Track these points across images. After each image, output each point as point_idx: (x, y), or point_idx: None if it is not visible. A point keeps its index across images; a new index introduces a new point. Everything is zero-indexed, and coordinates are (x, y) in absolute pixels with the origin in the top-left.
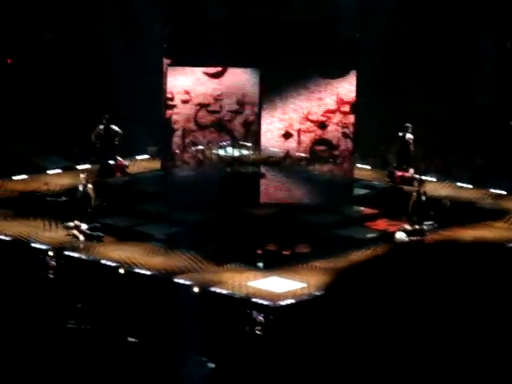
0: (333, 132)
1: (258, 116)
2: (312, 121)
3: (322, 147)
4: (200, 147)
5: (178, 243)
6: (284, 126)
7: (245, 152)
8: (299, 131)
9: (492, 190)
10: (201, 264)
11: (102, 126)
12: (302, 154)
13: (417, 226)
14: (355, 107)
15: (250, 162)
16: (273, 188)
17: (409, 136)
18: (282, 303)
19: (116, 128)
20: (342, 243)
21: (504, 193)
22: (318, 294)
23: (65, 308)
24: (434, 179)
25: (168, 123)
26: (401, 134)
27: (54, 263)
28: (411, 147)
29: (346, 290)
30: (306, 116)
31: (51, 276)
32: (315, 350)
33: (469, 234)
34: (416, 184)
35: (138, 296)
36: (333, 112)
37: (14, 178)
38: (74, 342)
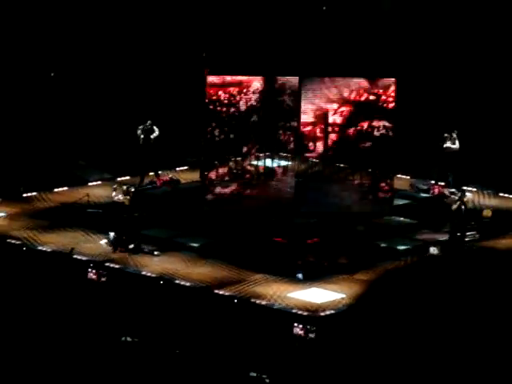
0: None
1: (298, 126)
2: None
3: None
4: (238, 159)
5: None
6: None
7: (285, 163)
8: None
9: None
10: (240, 275)
11: (141, 127)
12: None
13: (458, 236)
14: (395, 115)
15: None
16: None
17: (447, 145)
18: (322, 314)
19: (154, 127)
20: (382, 254)
21: None
22: (355, 304)
23: (110, 320)
24: (475, 189)
25: (208, 134)
26: (447, 144)
27: (94, 275)
28: (452, 155)
29: (378, 300)
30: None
31: (93, 287)
32: (357, 359)
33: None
34: (456, 194)
35: (179, 307)
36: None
37: (56, 189)
38: (125, 355)
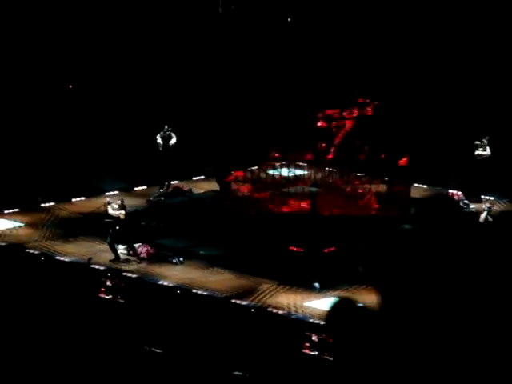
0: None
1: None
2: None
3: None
4: (254, 167)
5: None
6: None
7: (300, 172)
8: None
9: None
10: (257, 284)
11: (162, 133)
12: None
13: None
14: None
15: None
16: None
17: (478, 152)
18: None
19: (172, 134)
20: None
21: None
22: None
23: (127, 329)
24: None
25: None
26: (478, 151)
27: (111, 284)
28: (483, 162)
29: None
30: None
31: (109, 297)
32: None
33: None
34: (486, 204)
35: (196, 316)
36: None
37: (73, 199)
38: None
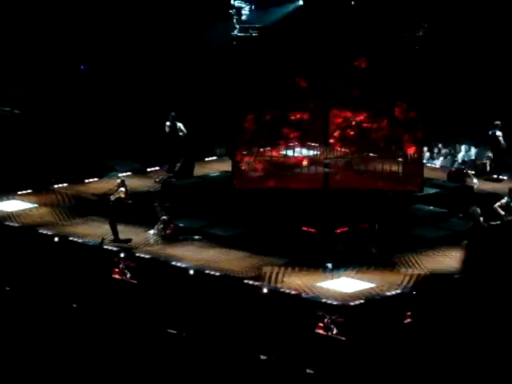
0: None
1: (326, 115)
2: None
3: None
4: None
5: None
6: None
7: (313, 152)
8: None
9: None
10: (270, 264)
11: (168, 123)
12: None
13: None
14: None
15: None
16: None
17: (498, 133)
18: (352, 303)
19: (182, 127)
20: (412, 243)
21: None
22: (388, 293)
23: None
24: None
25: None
26: (490, 132)
27: (124, 265)
28: (502, 146)
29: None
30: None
31: (123, 277)
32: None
33: None
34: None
35: (209, 297)
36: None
37: (86, 180)
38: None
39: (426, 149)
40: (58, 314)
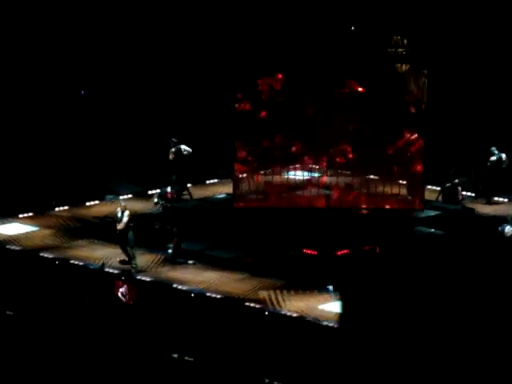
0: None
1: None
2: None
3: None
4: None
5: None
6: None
7: (315, 175)
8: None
9: None
10: (271, 286)
11: (173, 149)
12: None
13: None
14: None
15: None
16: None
17: (504, 157)
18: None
19: (186, 147)
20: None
21: None
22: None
23: (142, 333)
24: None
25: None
26: (493, 158)
27: (124, 287)
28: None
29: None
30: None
31: (123, 299)
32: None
33: None
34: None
35: (210, 320)
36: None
37: (88, 203)
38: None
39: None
40: (61, 338)
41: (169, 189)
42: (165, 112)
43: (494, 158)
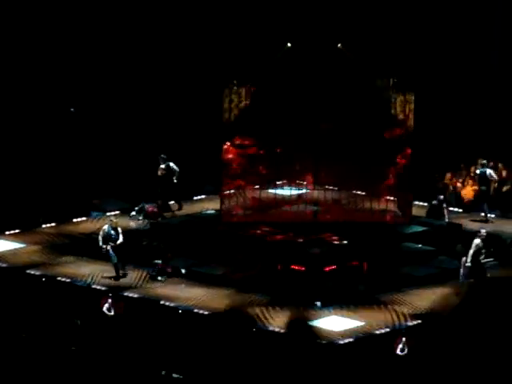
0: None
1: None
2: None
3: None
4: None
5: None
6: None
7: (302, 191)
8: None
9: None
10: (258, 303)
11: (163, 166)
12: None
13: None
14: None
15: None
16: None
17: (490, 172)
18: (341, 342)
19: (174, 166)
20: (401, 281)
21: None
22: (376, 332)
23: (130, 350)
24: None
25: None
26: (478, 171)
27: (112, 304)
28: (493, 185)
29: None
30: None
31: (110, 315)
32: None
33: None
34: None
35: (197, 335)
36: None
37: (75, 220)
38: None
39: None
40: (48, 355)
41: (149, 205)
42: (152, 128)
43: (477, 172)
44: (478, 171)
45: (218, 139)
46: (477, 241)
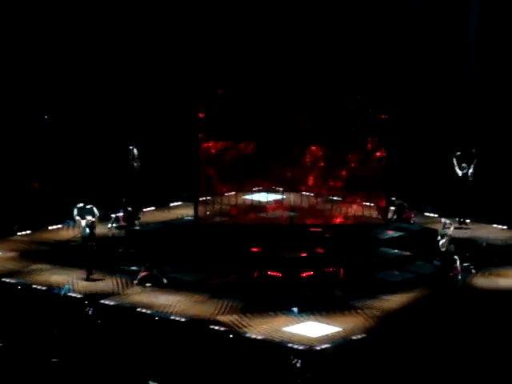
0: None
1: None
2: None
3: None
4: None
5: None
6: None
7: (279, 197)
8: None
9: None
10: (235, 309)
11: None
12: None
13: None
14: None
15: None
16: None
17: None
18: (318, 348)
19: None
20: (377, 286)
21: None
22: (353, 337)
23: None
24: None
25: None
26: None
27: (90, 312)
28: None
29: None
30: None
31: (88, 324)
32: None
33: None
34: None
35: (174, 343)
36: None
37: (50, 227)
38: None
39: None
40: (27, 367)
41: (121, 213)
42: (127, 134)
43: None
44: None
45: (195, 144)
46: (446, 231)
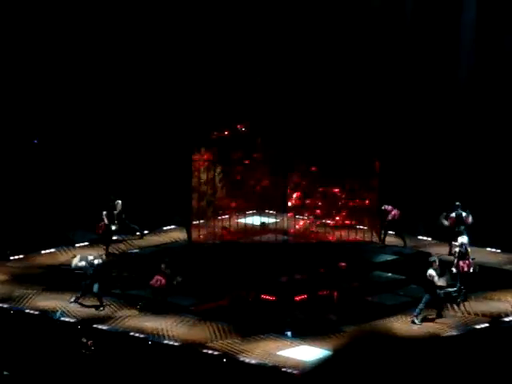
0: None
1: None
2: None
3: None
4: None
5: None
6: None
7: (272, 220)
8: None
9: None
10: (229, 333)
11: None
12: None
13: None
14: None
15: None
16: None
17: (465, 215)
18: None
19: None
20: (372, 309)
21: None
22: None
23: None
24: None
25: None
26: (453, 214)
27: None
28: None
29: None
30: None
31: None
32: None
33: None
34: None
35: (168, 367)
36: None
37: (43, 251)
38: None
39: None
40: None
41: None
42: (119, 158)
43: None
44: (453, 214)
45: (187, 166)
46: (430, 271)
